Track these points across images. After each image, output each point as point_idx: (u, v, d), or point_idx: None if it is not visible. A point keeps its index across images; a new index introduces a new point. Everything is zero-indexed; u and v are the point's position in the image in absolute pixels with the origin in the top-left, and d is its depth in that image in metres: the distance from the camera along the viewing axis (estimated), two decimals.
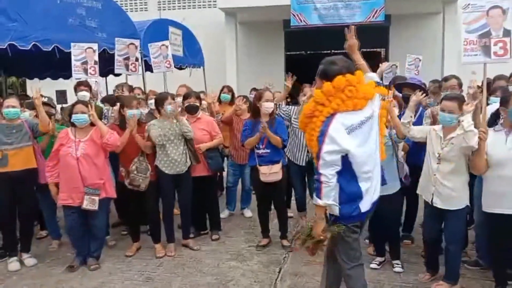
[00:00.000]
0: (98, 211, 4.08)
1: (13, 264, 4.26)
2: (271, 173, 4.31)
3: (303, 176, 4.94)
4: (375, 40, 13.34)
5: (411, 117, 3.65)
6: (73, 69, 5.67)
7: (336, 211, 2.58)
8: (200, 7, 12.96)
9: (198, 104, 4.76)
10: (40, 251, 4.64)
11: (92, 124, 4.11)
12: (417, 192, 3.78)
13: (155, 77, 8.52)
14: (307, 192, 5.17)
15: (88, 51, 5.76)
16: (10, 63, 7.66)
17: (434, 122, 3.97)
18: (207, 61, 10.05)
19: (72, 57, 5.65)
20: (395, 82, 4.89)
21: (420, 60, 7.91)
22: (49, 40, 5.58)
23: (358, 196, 2.60)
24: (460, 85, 4.25)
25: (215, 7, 11.53)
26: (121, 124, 4.39)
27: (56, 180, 4.13)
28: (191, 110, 4.71)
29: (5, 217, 4.26)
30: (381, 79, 4.90)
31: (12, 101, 4.17)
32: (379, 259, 4.07)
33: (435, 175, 3.48)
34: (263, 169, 4.34)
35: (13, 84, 14.87)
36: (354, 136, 2.53)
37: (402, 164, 3.92)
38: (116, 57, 6.39)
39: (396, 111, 4.02)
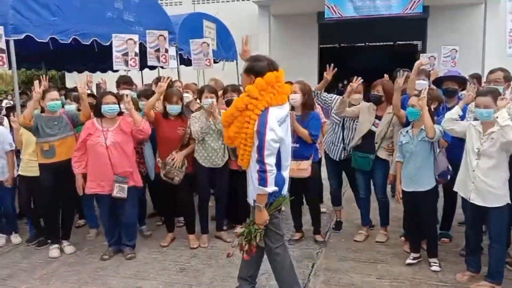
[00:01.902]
0: (127, 199, 4.16)
1: (54, 251, 4.42)
2: (299, 169, 4.20)
3: (338, 170, 4.80)
4: (412, 32, 13.03)
5: (459, 115, 3.55)
6: (114, 60, 5.75)
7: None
8: (233, 0, 12.98)
9: (236, 97, 4.75)
10: (78, 239, 4.78)
11: (119, 114, 4.21)
12: (454, 189, 3.67)
13: (189, 70, 8.61)
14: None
15: (129, 43, 5.85)
16: (50, 56, 7.90)
17: None
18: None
19: (113, 48, 5.73)
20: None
21: (456, 51, 7.62)
22: (88, 34, 5.71)
23: (282, 183, 2.91)
24: (507, 78, 4.04)
25: (249, 0, 11.51)
26: (164, 114, 4.45)
27: (84, 171, 4.20)
28: (229, 104, 4.70)
29: (50, 206, 4.43)
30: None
31: (56, 94, 4.33)
32: (414, 255, 3.97)
33: (474, 171, 3.38)
34: (291, 164, 4.26)
35: (53, 77, 15.36)
36: (282, 128, 2.81)
37: (438, 161, 3.81)
38: (148, 49, 6.47)
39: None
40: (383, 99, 4.26)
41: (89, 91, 5.22)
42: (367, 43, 17.23)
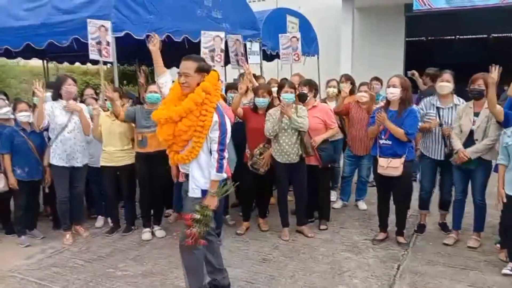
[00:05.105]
0: None
1: (146, 234, 4.76)
2: (389, 166, 4.10)
3: (434, 172, 4.57)
4: (509, 24, 11.96)
5: None
6: (201, 56, 6.00)
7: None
8: None
9: (306, 91, 4.72)
10: (167, 225, 5.09)
11: None
12: None
13: (270, 65, 8.70)
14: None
15: (216, 40, 6.05)
16: (141, 52, 8.36)
17: None
18: (321, 48, 9.96)
19: (202, 45, 5.95)
20: None
21: None
22: (180, 31, 5.98)
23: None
24: None
25: None
26: (253, 107, 4.70)
27: None
28: (300, 98, 4.70)
29: (144, 192, 4.78)
30: None
31: (155, 87, 4.58)
32: None
33: None
34: (382, 161, 4.17)
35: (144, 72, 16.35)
36: None
37: None
38: (230, 53, 6.65)
39: None
40: (484, 93, 4.00)
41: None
42: (457, 36, 16.12)
